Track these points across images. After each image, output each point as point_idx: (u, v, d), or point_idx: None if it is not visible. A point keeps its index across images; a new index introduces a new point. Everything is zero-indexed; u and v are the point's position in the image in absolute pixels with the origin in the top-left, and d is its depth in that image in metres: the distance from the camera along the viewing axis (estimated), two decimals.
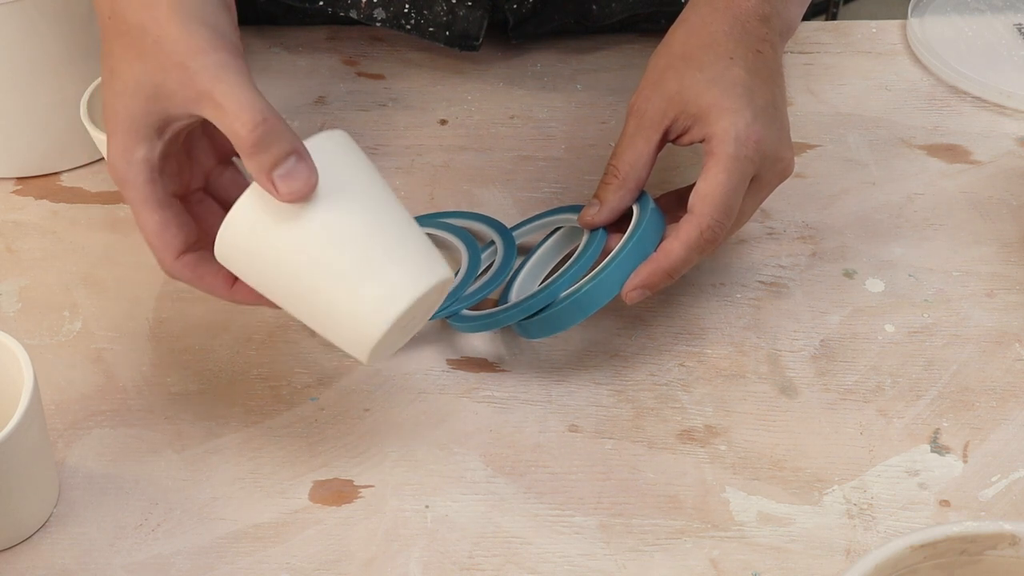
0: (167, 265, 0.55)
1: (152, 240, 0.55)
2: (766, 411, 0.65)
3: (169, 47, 0.51)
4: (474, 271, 0.69)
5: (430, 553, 0.58)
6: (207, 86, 0.51)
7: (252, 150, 0.50)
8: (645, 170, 0.64)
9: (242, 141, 0.50)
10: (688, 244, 0.61)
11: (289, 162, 0.51)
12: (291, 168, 0.50)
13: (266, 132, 0.50)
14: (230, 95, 0.50)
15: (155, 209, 0.54)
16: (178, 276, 0.56)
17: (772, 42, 0.65)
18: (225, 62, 0.51)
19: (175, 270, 0.55)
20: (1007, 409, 0.65)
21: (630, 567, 0.58)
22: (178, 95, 0.52)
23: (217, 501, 0.60)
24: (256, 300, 0.56)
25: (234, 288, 0.56)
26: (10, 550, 0.58)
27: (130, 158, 0.54)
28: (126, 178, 0.54)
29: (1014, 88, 0.84)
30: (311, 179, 0.51)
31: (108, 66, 0.54)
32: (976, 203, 0.77)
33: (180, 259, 0.55)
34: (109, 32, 0.54)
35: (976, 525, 0.45)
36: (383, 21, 0.84)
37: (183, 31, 0.51)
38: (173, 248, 0.55)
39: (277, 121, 0.51)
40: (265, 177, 0.51)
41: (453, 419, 0.64)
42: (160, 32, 0.52)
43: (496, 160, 0.80)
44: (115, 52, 0.54)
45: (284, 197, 0.51)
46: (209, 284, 0.56)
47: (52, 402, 0.64)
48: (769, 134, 0.61)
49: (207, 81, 0.51)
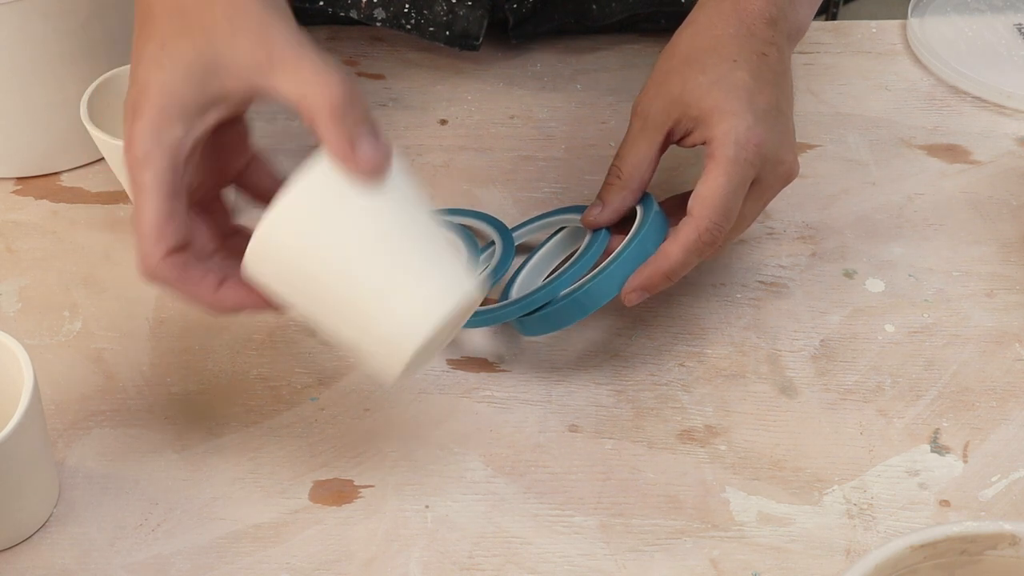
0: (152, 261, 0.52)
1: (148, 230, 0.51)
2: (766, 411, 0.65)
3: (243, 19, 0.50)
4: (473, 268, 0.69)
5: (430, 553, 0.58)
6: (286, 55, 0.50)
7: (339, 114, 0.49)
8: (648, 171, 0.64)
9: (329, 103, 0.49)
10: (686, 246, 0.61)
11: (371, 133, 0.50)
12: (373, 139, 0.50)
13: (353, 100, 0.50)
14: (313, 61, 0.50)
15: (166, 197, 0.51)
16: (160, 275, 0.52)
17: (778, 45, 0.65)
18: (301, 36, 0.51)
19: (159, 269, 0.52)
20: (1007, 409, 0.65)
21: (630, 567, 0.58)
22: (246, 66, 0.50)
23: (217, 501, 0.60)
24: (239, 306, 0.54)
25: (219, 293, 0.53)
26: (10, 550, 0.58)
27: (160, 136, 0.51)
28: (148, 158, 0.51)
29: (1014, 88, 0.84)
30: (389, 155, 0.50)
31: (156, 42, 0.52)
32: (976, 203, 0.77)
33: (169, 258, 0.52)
34: (160, 11, 0.52)
35: (976, 525, 0.45)
36: (383, 21, 0.84)
37: (259, 7, 0.51)
38: (168, 244, 0.52)
39: (361, 94, 0.50)
40: (348, 143, 0.49)
41: (453, 419, 0.64)
42: (232, 8, 0.50)
43: (496, 160, 0.80)
44: (169, 27, 0.52)
45: (364, 166, 0.49)
46: (194, 287, 0.53)
47: (52, 402, 0.64)
48: (771, 137, 0.61)
49: (288, 49, 0.50)
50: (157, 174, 0.51)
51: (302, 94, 0.50)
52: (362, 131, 0.50)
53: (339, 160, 0.50)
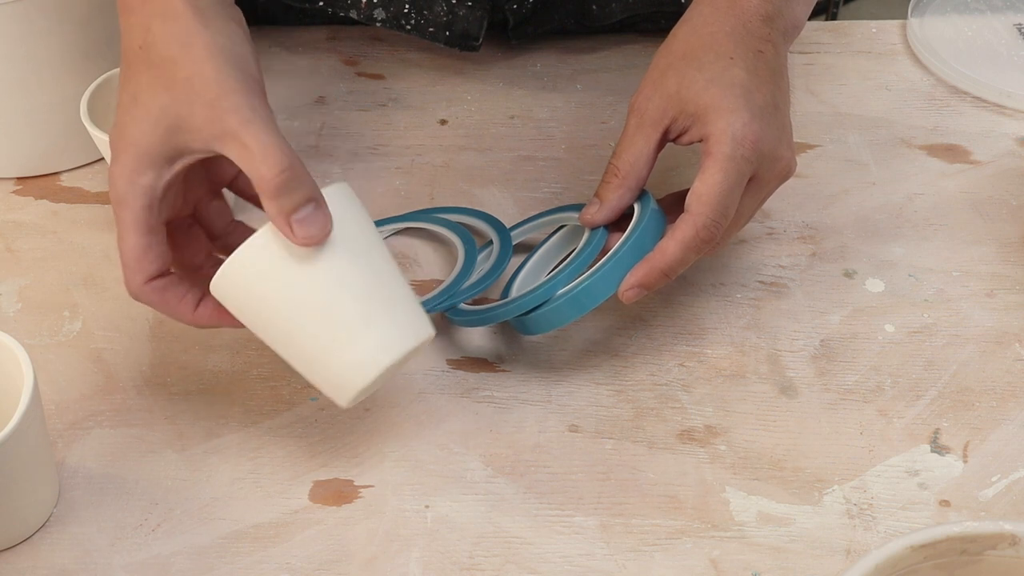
0: (134, 287, 0.57)
1: (129, 262, 0.56)
2: (766, 411, 0.65)
3: (200, 85, 0.53)
4: (470, 266, 0.69)
5: (430, 553, 0.58)
6: (235, 127, 0.53)
7: (275, 193, 0.53)
8: (645, 169, 0.64)
9: (266, 184, 0.53)
10: (684, 243, 0.61)
11: (308, 208, 0.53)
12: (309, 214, 0.53)
13: (290, 178, 0.53)
14: (258, 138, 0.53)
15: (143, 233, 0.56)
16: (143, 299, 0.57)
17: (775, 42, 0.65)
18: (254, 106, 0.53)
19: (142, 293, 0.57)
20: (1007, 409, 0.65)
21: (630, 567, 0.58)
22: (203, 131, 0.54)
23: (217, 501, 0.60)
24: (216, 323, 0.58)
25: (196, 312, 0.58)
26: (10, 550, 0.58)
27: (135, 180, 0.55)
28: (125, 199, 0.55)
29: (1014, 88, 0.84)
30: (326, 226, 0.53)
31: (130, 92, 0.56)
32: (976, 203, 0.77)
33: (149, 283, 0.57)
34: (136, 61, 0.56)
35: (976, 525, 0.45)
36: (383, 21, 0.84)
37: (216, 72, 0.53)
38: (147, 273, 0.56)
39: (300, 168, 0.53)
40: (284, 220, 0.53)
41: (453, 419, 0.64)
42: (193, 70, 0.53)
43: (496, 160, 0.80)
44: (141, 80, 0.55)
45: (300, 241, 0.53)
46: (173, 308, 0.58)
47: (52, 402, 0.64)
48: (767, 134, 0.61)
49: (236, 122, 0.53)
50: (133, 213, 0.55)
51: (248, 170, 0.53)
52: (300, 208, 0.53)
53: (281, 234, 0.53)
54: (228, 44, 0.55)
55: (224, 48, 0.54)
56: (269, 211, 0.53)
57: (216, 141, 0.54)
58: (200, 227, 0.61)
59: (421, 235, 0.75)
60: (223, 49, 0.54)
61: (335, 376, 0.56)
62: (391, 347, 0.56)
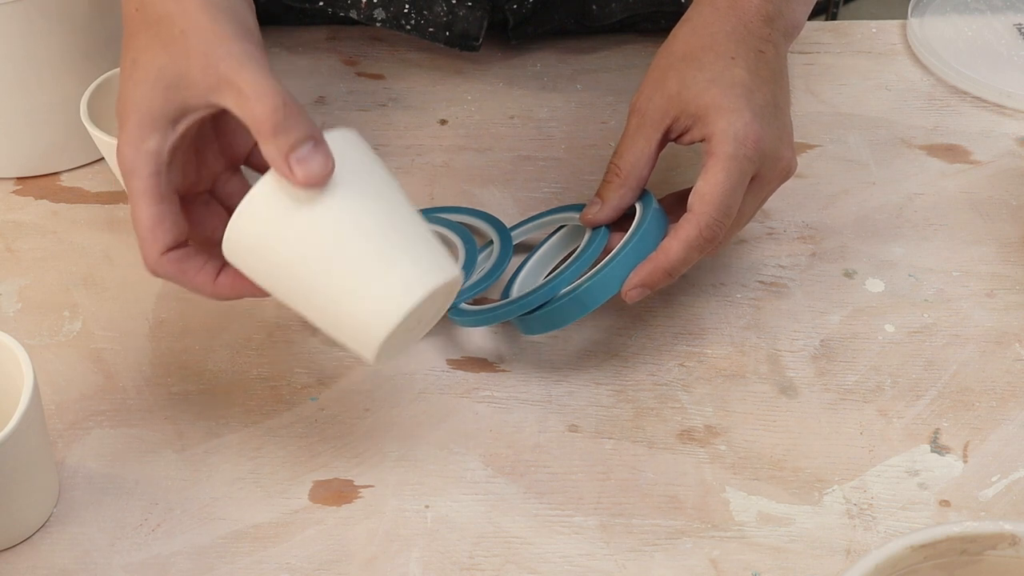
0: (152, 260, 0.55)
1: (143, 233, 0.55)
2: (766, 411, 0.65)
3: (194, 37, 0.53)
4: (471, 266, 0.69)
5: (430, 553, 0.58)
6: (229, 73, 0.52)
7: (272, 132, 0.51)
8: (646, 169, 0.64)
9: (262, 124, 0.51)
10: (687, 243, 0.61)
11: (307, 146, 0.51)
12: (309, 152, 0.51)
13: (286, 116, 0.51)
14: (251, 81, 0.52)
15: (153, 202, 0.54)
16: (161, 271, 0.55)
17: (775, 42, 0.65)
18: (248, 52, 0.53)
19: (159, 265, 0.55)
20: (1007, 409, 0.65)
21: (630, 567, 0.58)
22: (200, 83, 0.53)
23: (217, 501, 0.60)
24: (237, 293, 0.56)
25: (217, 282, 0.56)
26: (10, 550, 0.58)
27: (140, 147, 0.54)
28: (133, 167, 0.54)
29: (1014, 88, 0.84)
30: (328, 164, 0.51)
31: (130, 56, 0.55)
32: (976, 203, 0.77)
33: (166, 255, 0.55)
34: (135, 23, 0.55)
35: (976, 525, 0.45)
36: (383, 21, 0.84)
37: (210, 22, 0.53)
38: (162, 243, 0.55)
39: (297, 107, 0.52)
40: (283, 160, 0.51)
41: (453, 419, 0.64)
42: (187, 23, 0.53)
43: (496, 160, 0.80)
44: (139, 42, 0.55)
45: (300, 181, 0.51)
46: (192, 279, 0.56)
47: (52, 402, 0.64)
48: (769, 134, 0.61)
49: (230, 68, 0.52)
50: (143, 181, 0.54)
51: (244, 114, 0.52)
52: (299, 146, 0.51)
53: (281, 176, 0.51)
54: None
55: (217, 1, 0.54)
56: (267, 152, 0.52)
57: (213, 92, 0.53)
58: (219, 204, 0.60)
59: None
60: (216, 2, 0.54)
61: (358, 325, 0.53)
62: (413, 288, 0.52)
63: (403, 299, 0.52)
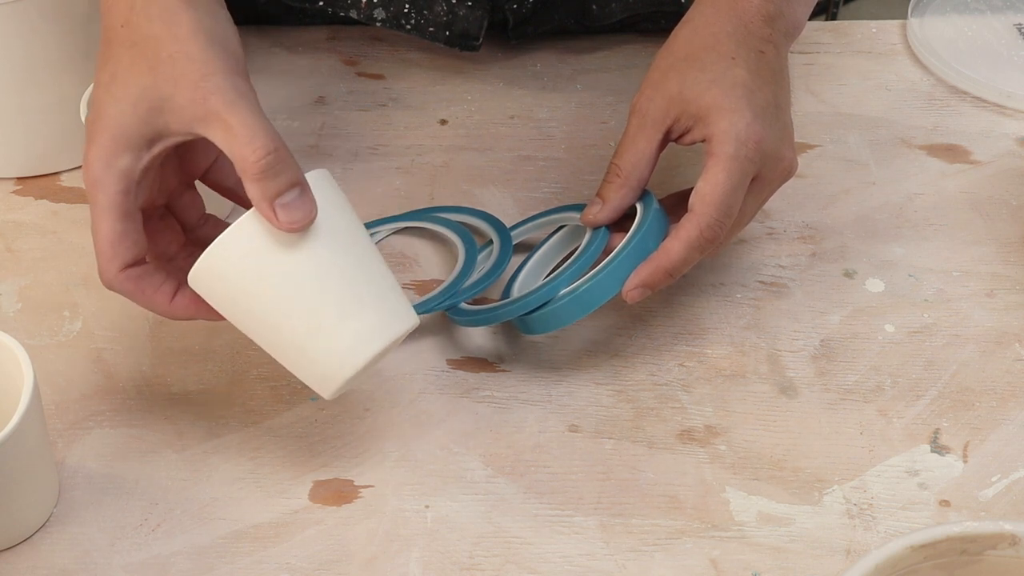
0: (109, 275, 0.55)
1: (104, 247, 0.55)
2: (766, 411, 0.65)
3: (184, 64, 0.53)
4: (471, 265, 0.69)
5: (430, 553, 0.58)
6: (219, 108, 0.52)
7: (259, 176, 0.52)
8: (647, 169, 0.64)
9: (250, 167, 0.52)
10: (688, 243, 0.61)
11: (293, 193, 0.52)
12: (295, 199, 0.52)
13: (276, 160, 0.52)
14: (243, 120, 0.52)
15: (118, 218, 0.54)
16: (118, 287, 0.56)
17: (776, 42, 0.65)
18: (239, 88, 0.53)
19: (117, 281, 0.55)
20: (1007, 409, 0.65)
21: (630, 567, 0.58)
22: (185, 112, 0.53)
23: (217, 501, 0.60)
24: (192, 315, 0.57)
25: (173, 303, 0.56)
26: (10, 550, 0.58)
27: (112, 163, 0.54)
28: (101, 182, 0.54)
29: (1014, 88, 0.84)
30: (311, 212, 0.53)
31: (109, 71, 0.55)
32: (976, 203, 0.77)
33: (124, 272, 0.55)
34: (118, 40, 0.55)
35: (976, 525, 0.45)
36: (383, 21, 0.84)
37: (200, 51, 0.53)
38: (122, 260, 0.55)
39: (285, 152, 0.53)
40: (268, 205, 0.52)
41: (453, 419, 0.64)
42: (177, 48, 0.53)
43: (496, 160, 0.80)
44: (121, 60, 0.54)
45: (284, 226, 0.52)
46: (149, 298, 0.56)
47: (52, 402, 0.64)
48: (770, 134, 0.61)
49: (220, 104, 0.52)
50: (109, 197, 0.54)
51: (231, 152, 0.52)
52: (285, 192, 0.52)
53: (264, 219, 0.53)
54: (212, 24, 0.54)
55: (209, 28, 0.54)
56: (253, 195, 0.52)
57: (199, 123, 0.53)
58: (173, 218, 0.60)
59: (421, 235, 0.75)
60: (208, 29, 0.54)
61: (319, 367, 0.55)
62: (374, 338, 0.55)
63: (363, 349, 0.55)
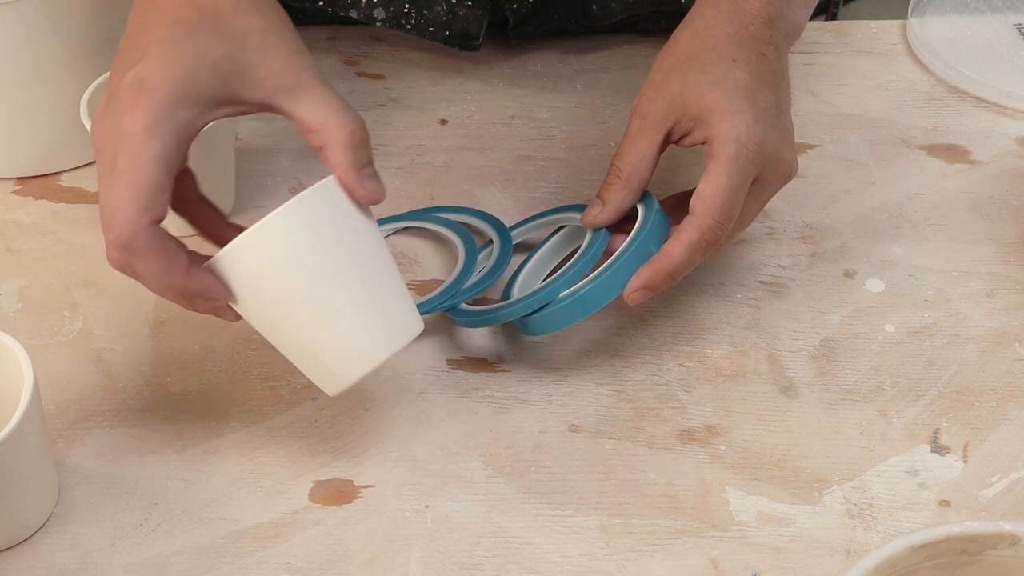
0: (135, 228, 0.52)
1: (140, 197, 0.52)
2: (766, 411, 0.65)
3: (275, 39, 0.55)
4: (471, 266, 0.69)
5: (430, 553, 0.58)
6: (312, 83, 0.55)
7: (355, 146, 0.55)
8: (648, 171, 0.64)
9: (348, 136, 0.55)
10: (689, 245, 0.61)
11: (373, 168, 0.56)
12: (375, 173, 0.56)
13: (366, 136, 0.56)
14: (337, 97, 0.55)
15: (164, 170, 0.52)
16: (140, 244, 0.52)
17: (776, 44, 0.65)
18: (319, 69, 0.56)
19: (141, 236, 0.52)
20: (1007, 409, 0.65)
21: (630, 567, 0.58)
22: (271, 81, 0.55)
23: (217, 501, 0.60)
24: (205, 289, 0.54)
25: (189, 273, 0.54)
26: (10, 550, 0.58)
27: (174, 114, 0.52)
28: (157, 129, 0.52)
29: (1014, 88, 0.84)
30: (383, 192, 0.56)
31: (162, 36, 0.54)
32: (976, 203, 0.77)
33: (152, 227, 0.52)
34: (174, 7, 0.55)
35: (976, 525, 0.45)
36: (383, 21, 0.84)
37: (291, 32, 0.56)
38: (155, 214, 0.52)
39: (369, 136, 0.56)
40: (356, 173, 0.55)
41: (453, 419, 0.64)
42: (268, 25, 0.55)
43: (496, 160, 0.80)
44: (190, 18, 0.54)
45: (365, 195, 0.55)
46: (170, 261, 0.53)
47: (52, 402, 0.64)
48: (771, 136, 0.61)
49: (312, 79, 0.55)
50: (162, 146, 0.53)
51: (323, 123, 0.55)
52: (369, 166, 0.56)
53: (347, 186, 0.55)
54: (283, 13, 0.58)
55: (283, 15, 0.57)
56: (342, 162, 0.55)
57: (284, 93, 0.55)
58: None
59: (421, 235, 0.75)
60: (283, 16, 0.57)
61: (331, 366, 0.57)
62: (390, 342, 0.57)
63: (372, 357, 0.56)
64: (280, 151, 0.80)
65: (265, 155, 0.80)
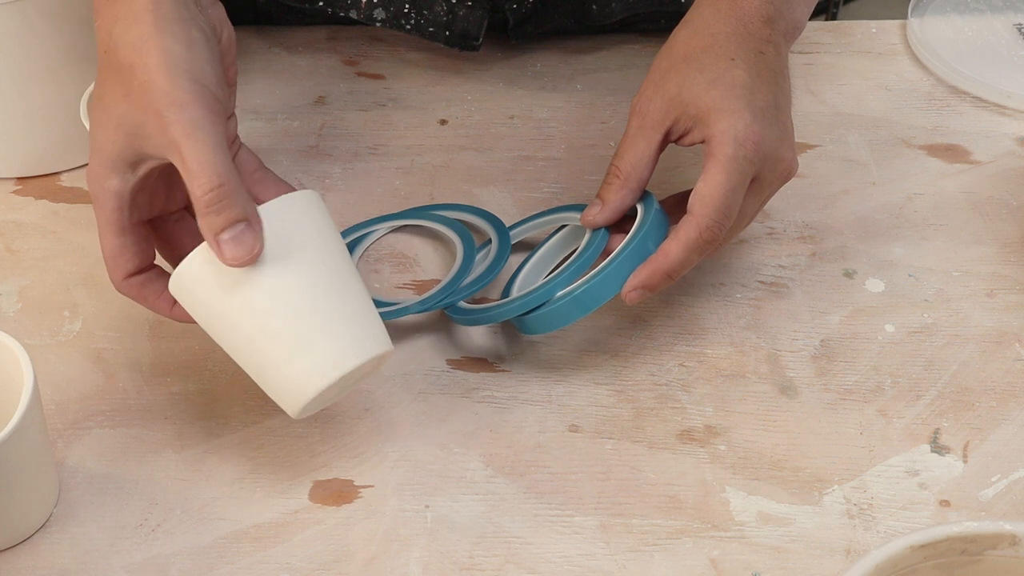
0: (116, 282, 0.59)
1: (107, 258, 0.58)
2: (766, 411, 0.65)
3: (152, 94, 0.54)
4: (469, 263, 0.69)
5: (430, 553, 0.58)
6: (177, 139, 0.53)
7: (204, 211, 0.53)
8: (647, 170, 0.64)
9: (197, 200, 0.53)
10: (687, 245, 0.61)
11: (237, 228, 0.53)
12: (238, 234, 0.53)
13: (221, 196, 0.53)
14: (194, 153, 0.53)
15: (116, 234, 0.57)
16: (123, 292, 0.59)
17: (776, 43, 0.65)
18: (199, 119, 0.54)
19: (122, 287, 0.59)
20: (1007, 409, 0.65)
21: (630, 567, 0.58)
22: (154, 139, 0.55)
23: (217, 501, 0.60)
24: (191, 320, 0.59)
25: (174, 309, 0.59)
26: (10, 550, 0.58)
27: (102, 184, 0.57)
28: (97, 200, 0.57)
29: (1014, 88, 0.84)
30: (254, 248, 0.53)
31: (99, 95, 0.57)
32: (976, 203, 0.77)
33: (128, 280, 0.59)
34: (104, 66, 0.57)
35: (976, 525, 0.45)
36: (383, 21, 0.84)
37: (167, 81, 0.54)
38: (123, 270, 0.58)
39: (233, 186, 0.53)
40: (212, 238, 0.53)
41: (453, 419, 0.64)
42: (147, 78, 0.54)
43: (496, 160, 0.80)
44: (107, 85, 0.57)
45: (227, 261, 0.53)
46: (152, 304, 0.60)
47: (52, 402, 0.64)
48: (769, 135, 0.61)
49: (178, 134, 0.53)
50: (106, 214, 0.57)
51: (187, 183, 0.54)
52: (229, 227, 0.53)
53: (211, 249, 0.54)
54: (183, 52, 0.55)
55: (177, 57, 0.54)
56: (200, 227, 0.54)
57: (165, 150, 0.54)
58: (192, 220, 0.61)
59: (420, 233, 0.75)
60: (176, 58, 0.54)
61: (279, 391, 0.56)
62: (326, 371, 0.55)
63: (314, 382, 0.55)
64: (280, 151, 0.80)
65: (265, 155, 0.79)
